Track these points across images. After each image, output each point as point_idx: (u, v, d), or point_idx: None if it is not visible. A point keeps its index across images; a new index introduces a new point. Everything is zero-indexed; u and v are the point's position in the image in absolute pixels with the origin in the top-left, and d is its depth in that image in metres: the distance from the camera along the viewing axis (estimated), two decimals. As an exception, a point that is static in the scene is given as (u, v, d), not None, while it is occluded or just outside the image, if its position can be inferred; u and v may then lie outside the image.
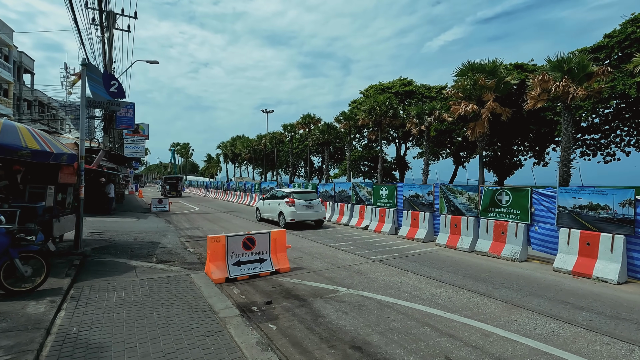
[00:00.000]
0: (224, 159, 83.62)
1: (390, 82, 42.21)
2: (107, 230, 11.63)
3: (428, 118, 29.47)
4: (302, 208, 13.46)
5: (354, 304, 5.32)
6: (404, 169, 46.17)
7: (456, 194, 9.85)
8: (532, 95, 20.64)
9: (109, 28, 19.16)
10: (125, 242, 9.85)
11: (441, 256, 8.75)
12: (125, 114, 19.44)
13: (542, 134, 29.80)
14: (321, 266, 7.69)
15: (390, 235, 11.93)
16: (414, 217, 11.14)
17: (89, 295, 5.05)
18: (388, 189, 12.43)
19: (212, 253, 6.55)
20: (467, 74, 24.71)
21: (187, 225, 14.68)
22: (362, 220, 13.59)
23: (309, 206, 13.63)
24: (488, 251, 8.65)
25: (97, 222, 13.81)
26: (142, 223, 14.42)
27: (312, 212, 13.66)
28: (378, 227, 12.47)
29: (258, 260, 7.04)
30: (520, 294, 5.84)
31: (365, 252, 9.15)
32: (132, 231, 11.93)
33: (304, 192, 14.50)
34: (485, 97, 23.98)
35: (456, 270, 7.36)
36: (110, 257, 7.81)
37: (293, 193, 14.14)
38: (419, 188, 11.20)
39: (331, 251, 9.32)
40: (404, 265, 7.77)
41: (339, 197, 15.34)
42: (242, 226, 14.22)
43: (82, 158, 7.44)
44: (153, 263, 7.58)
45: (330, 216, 15.61)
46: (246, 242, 6.94)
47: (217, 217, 17.58)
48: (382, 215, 12.53)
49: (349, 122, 38.85)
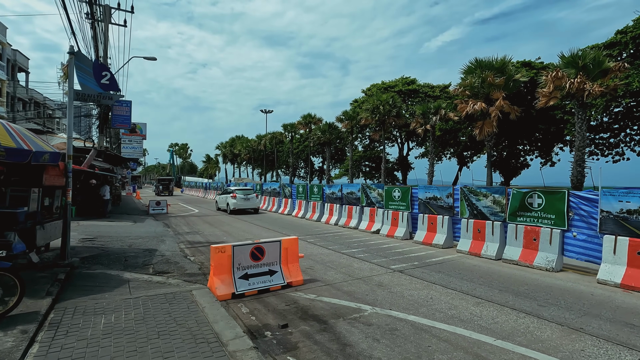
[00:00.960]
0: (222, 160, 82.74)
1: (393, 81, 41.48)
2: (100, 236, 10.80)
3: (433, 117, 28.74)
4: (241, 200, 19.41)
5: (385, 328, 4.53)
6: (407, 169, 45.42)
7: (479, 197, 9.08)
8: (544, 93, 19.90)
9: (104, 22, 18.34)
10: (120, 249, 9.03)
11: (466, 265, 7.97)
12: (122, 113, 18.62)
13: (548, 134, 29.12)
14: (337, 278, 6.91)
15: (405, 240, 11.15)
16: (431, 221, 10.37)
17: (71, 320, 4.24)
18: (402, 191, 11.66)
19: (217, 265, 5.76)
20: (475, 72, 23.98)
21: (187, 229, 13.87)
22: (372, 224, 12.81)
23: (246, 199, 19.54)
24: (518, 259, 7.87)
25: (91, 226, 12.98)
26: (138, 227, 13.60)
27: (249, 203, 19.61)
28: (391, 232, 11.69)
29: (268, 272, 6.25)
30: (573, 314, 5.06)
31: (382, 261, 8.37)
32: (127, 237, 11.12)
33: (244, 189, 20.54)
34: (494, 95, 23.25)
35: (489, 282, 6.58)
36: (102, 268, 7.00)
37: (236, 190, 20.06)
38: (437, 190, 10.42)
39: (345, 259, 8.53)
40: (428, 277, 6.98)
41: (347, 199, 14.55)
42: (246, 230, 13.42)
43: (69, 158, 6.64)
44: (149, 275, 6.78)
45: (338, 219, 14.82)
46: (254, 252, 6.14)
47: (217, 220, 16.77)
48: (394, 218, 11.75)
49: (351, 122, 38.09)
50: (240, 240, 11.20)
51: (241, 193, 19.77)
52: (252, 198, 19.80)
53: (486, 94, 24.04)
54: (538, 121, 27.17)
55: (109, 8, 18.56)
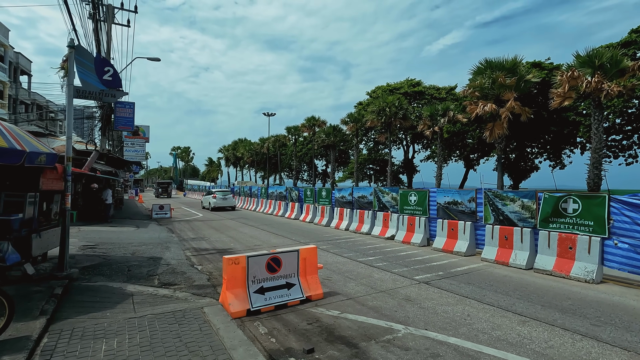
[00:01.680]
0: (225, 163, 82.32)
1: (399, 83, 40.98)
2: (102, 243, 10.26)
3: (441, 119, 28.17)
4: (220, 199, 24.13)
5: (425, 353, 3.95)
6: (412, 172, 44.81)
7: (506, 201, 8.49)
8: (558, 93, 19.32)
9: (107, 22, 17.92)
10: (122, 257, 8.49)
11: (496, 275, 7.38)
12: (124, 114, 18.15)
13: (558, 136, 28.50)
14: (359, 290, 6.33)
15: (423, 247, 10.56)
16: (451, 227, 9.78)
17: (67, 347, 3.68)
18: (418, 195, 11.08)
19: (230, 278, 5.20)
20: (485, 72, 23.45)
21: (192, 234, 13.32)
22: (386, 229, 12.23)
23: (224, 199, 24.33)
24: (552, 269, 7.27)
25: (92, 232, 12.45)
26: (142, 233, 13.06)
27: (226, 202, 24.36)
28: (407, 238, 11.10)
29: (285, 285, 5.69)
30: (635, 336, 4.47)
31: (404, 270, 7.79)
32: (130, 243, 10.57)
33: (223, 191, 25.73)
34: (505, 96, 22.68)
35: (527, 296, 5.99)
36: (103, 279, 6.45)
37: (216, 192, 25.23)
38: (458, 194, 9.84)
39: (363, 268, 7.95)
40: (458, 289, 6.40)
41: (359, 204, 13.98)
42: (253, 236, 12.86)
43: (68, 160, 6.11)
44: (155, 287, 6.23)
45: (348, 224, 14.24)
46: (271, 263, 5.58)
47: (223, 225, 16.22)
48: (410, 224, 11.17)
49: (356, 124, 37.56)
50: (249, 246, 10.65)
51: (220, 194, 24.80)
52: (229, 198, 24.87)
53: (496, 95, 23.49)
54: (549, 123, 26.55)
55: (112, 8, 18.16)
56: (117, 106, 18.00)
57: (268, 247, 10.59)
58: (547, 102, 27.26)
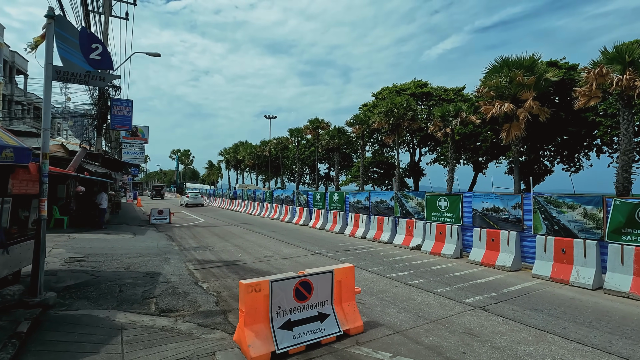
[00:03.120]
0: (226, 166, 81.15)
1: (405, 84, 39.94)
2: (92, 254, 9.02)
3: (453, 120, 27.01)
4: (192, 198, 32.78)
5: None
6: (419, 175, 43.62)
7: (562, 208, 7.29)
8: (583, 92, 18.20)
9: (104, 14, 16.80)
10: (114, 273, 7.25)
11: (561, 298, 6.16)
12: (122, 113, 16.97)
13: (574, 138, 27.38)
14: (404, 320, 5.11)
15: (456, 259, 9.34)
16: (491, 237, 8.56)
17: None
18: (449, 200, 9.88)
19: (250, 310, 3.98)
20: (501, 71, 22.34)
21: (194, 242, 12.09)
22: (410, 238, 11.01)
23: (195, 198, 33.07)
24: (629, 291, 6.06)
25: (83, 240, 11.22)
26: (139, 241, 11.83)
27: (196, 200, 32.84)
28: (436, 249, 9.88)
29: (317, 316, 4.47)
30: None
31: (447, 290, 6.57)
32: (125, 254, 9.34)
33: (194, 192, 36.49)
34: (524, 95, 21.57)
35: (618, 329, 4.77)
36: (87, 305, 5.22)
37: (189, 193, 35.85)
38: (499, 199, 8.63)
39: (399, 288, 6.72)
40: (527, 318, 5.18)
41: (377, 209, 12.76)
42: (262, 244, 11.63)
43: (44, 157, 4.90)
44: (151, 315, 5.00)
45: (365, 232, 13.02)
46: (299, 288, 4.37)
47: (227, 232, 14.98)
48: (440, 233, 9.95)
49: (362, 126, 36.41)
50: (259, 258, 9.42)
51: (192, 195, 34.51)
52: (198, 197, 34.12)
53: (513, 95, 22.38)
54: (566, 124, 25.40)
55: None
56: (113, 104, 16.83)
57: (280, 258, 9.37)
58: (564, 102, 26.26)
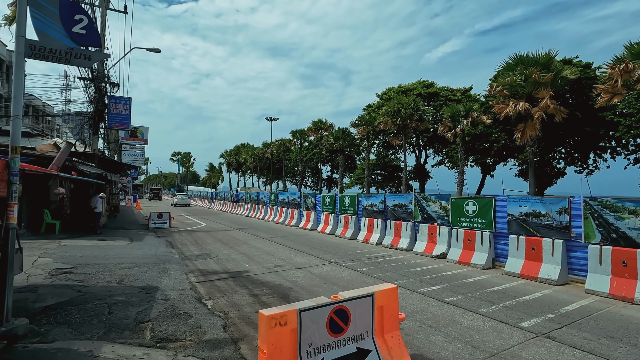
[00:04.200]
0: (227, 168, 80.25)
1: (411, 84, 39.09)
2: (82, 265, 8.06)
3: (464, 120, 26.06)
4: (180, 199, 39.85)
5: None
6: (425, 178, 42.63)
7: (622, 214, 6.33)
8: (605, 89, 17.26)
9: (101, 7, 15.92)
10: (105, 289, 6.28)
11: (634, 320, 5.18)
12: (119, 111, 16.05)
13: (589, 138, 26.41)
14: (457, 352, 4.14)
15: (488, 269, 8.37)
16: (531, 246, 7.59)
17: None
18: (479, 204, 8.92)
19: (273, 351, 3.02)
20: (516, 69, 21.44)
21: (195, 250, 11.12)
22: (433, 245, 10.04)
23: (182, 199, 40.29)
24: None
25: (75, 248, 10.25)
26: (135, 248, 10.86)
27: (183, 201, 39.92)
28: (464, 257, 8.90)
29: (356, 353, 3.51)
30: None
31: (494, 310, 5.59)
32: (119, 264, 8.37)
33: (182, 194, 46.19)
34: (540, 94, 20.63)
35: None
36: (67, 333, 4.26)
37: (177, 194, 44.48)
38: (540, 203, 7.67)
39: (437, 307, 5.75)
40: (605, 350, 4.21)
41: (394, 213, 11.80)
42: (270, 252, 10.66)
43: (15, 151, 3.95)
44: (145, 347, 4.05)
45: (381, 238, 12.05)
46: (334, 318, 3.41)
47: (231, 237, 14.02)
48: (468, 240, 8.98)
49: (367, 127, 35.47)
50: (269, 268, 8.45)
51: (180, 196, 41.60)
52: (185, 198, 41.41)
53: (528, 94, 21.46)
54: (584, 124, 24.45)
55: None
56: (110, 101, 15.92)
57: (292, 269, 8.40)
58: (577, 101, 25.33)
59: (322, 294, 6.31)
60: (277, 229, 17.17)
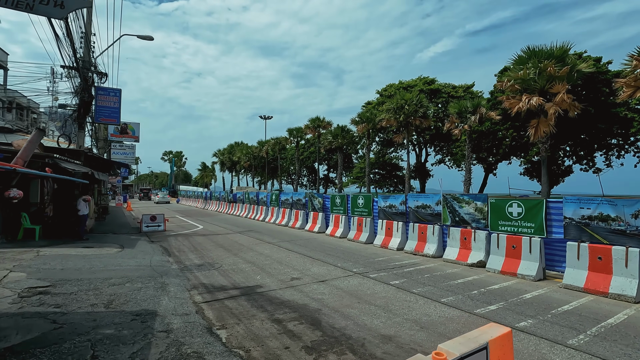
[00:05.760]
0: (220, 168, 78.47)
1: (412, 81, 38.07)
2: (62, 281, 6.70)
3: (471, 116, 25.07)
4: (161, 197, 46.72)
5: None
6: (425, 177, 41.70)
7: None
8: (627, 83, 16.38)
9: (87, -11, 14.41)
10: (88, 316, 4.97)
11: None
12: (108, 103, 14.60)
13: (594, 136, 25.65)
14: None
15: (539, 281, 7.24)
16: (597, 255, 6.47)
17: None
18: (526, 205, 7.78)
19: None
20: (528, 62, 20.48)
21: (195, 258, 9.81)
22: (467, 252, 8.88)
23: (163, 197, 47.01)
24: None
25: (56, 258, 8.85)
26: (127, 257, 9.50)
27: (164, 199, 46.27)
28: (508, 267, 7.76)
29: None
30: None
31: (587, 343, 4.44)
32: (107, 278, 7.03)
33: (163, 193, 55.26)
34: (554, 88, 19.70)
35: None
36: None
37: (159, 193, 57.90)
38: (608, 205, 6.54)
39: (515, 338, 4.56)
40: None
41: (417, 216, 10.62)
42: (281, 260, 9.38)
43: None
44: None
45: (402, 243, 10.88)
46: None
47: (233, 242, 12.71)
48: (513, 246, 7.84)
49: (367, 124, 34.34)
50: (284, 281, 7.18)
51: (161, 194, 49.50)
52: (166, 197, 47.75)
53: (541, 88, 20.51)
54: (597, 120, 23.62)
55: (93, -28, 14.68)
56: (98, 92, 14.45)
57: (312, 282, 7.16)
58: (588, 96, 24.47)
59: (360, 318, 5.09)
60: (282, 231, 15.90)
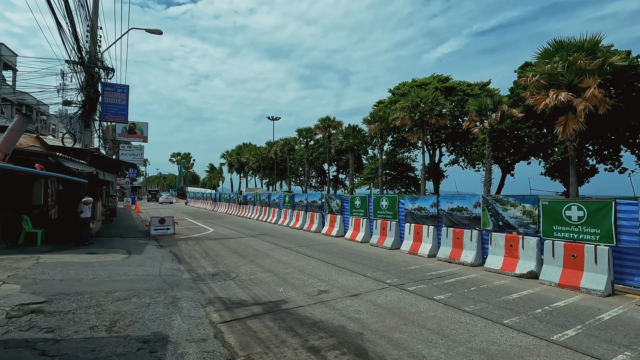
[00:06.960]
0: (228, 169, 77.98)
1: (427, 78, 37.01)
2: (60, 295, 5.85)
3: (492, 114, 23.93)
4: (165, 198, 53.74)
5: None
6: (439, 178, 40.49)
7: None
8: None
9: (93, -20, 13.73)
10: (86, 344, 4.09)
11: None
12: (115, 100, 13.88)
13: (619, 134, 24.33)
14: None
15: (609, 296, 6.21)
16: (687, 268, 5.43)
17: None
18: (588, 209, 6.76)
19: None
20: (556, 55, 19.32)
21: (209, 265, 8.94)
22: (514, 261, 7.87)
23: (167, 198, 54.47)
24: None
25: (56, 266, 8.04)
26: (134, 264, 8.67)
27: (168, 200, 53.02)
28: (568, 280, 6.74)
29: None
30: None
31: None
32: (112, 291, 6.18)
33: (167, 194, 61.61)
34: (584, 82, 18.52)
35: None
36: None
37: (163, 194, 62.54)
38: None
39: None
40: None
41: (451, 219, 9.62)
42: (302, 268, 8.46)
43: None
44: None
45: (434, 249, 9.90)
46: None
47: (247, 247, 11.85)
48: (572, 256, 6.82)
49: (380, 124, 33.32)
50: (311, 295, 6.24)
51: (165, 195, 56.91)
52: (169, 198, 54.08)
53: (569, 83, 19.34)
54: (628, 117, 22.33)
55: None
56: (105, 89, 13.74)
57: (343, 296, 6.23)
58: (619, 91, 23.16)
59: (414, 347, 4.13)
60: (297, 235, 15.00)
